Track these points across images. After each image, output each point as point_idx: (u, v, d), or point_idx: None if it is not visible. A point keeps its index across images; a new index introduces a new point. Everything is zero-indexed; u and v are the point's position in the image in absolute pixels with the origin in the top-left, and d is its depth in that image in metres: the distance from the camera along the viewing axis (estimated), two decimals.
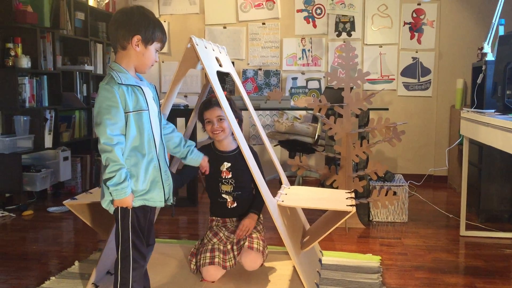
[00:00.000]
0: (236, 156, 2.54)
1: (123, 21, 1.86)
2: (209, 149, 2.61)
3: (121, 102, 1.79)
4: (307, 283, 2.24)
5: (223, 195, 2.57)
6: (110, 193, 1.80)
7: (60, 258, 2.92)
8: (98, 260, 2.38)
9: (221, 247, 2.47)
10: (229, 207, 2.57)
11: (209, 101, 2.51)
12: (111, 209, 1.88)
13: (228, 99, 2.49)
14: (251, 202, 2.59)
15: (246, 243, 2.44)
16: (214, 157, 2.57)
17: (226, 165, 2.56)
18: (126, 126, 1.82)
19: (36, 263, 2.84)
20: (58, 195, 4.51)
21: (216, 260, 2.42)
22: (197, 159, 2.25)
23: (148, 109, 1.88)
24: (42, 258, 2.92)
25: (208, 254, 2.44)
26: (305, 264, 2.37)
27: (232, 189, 2.56)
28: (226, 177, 2.56)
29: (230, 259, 2.45)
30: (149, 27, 1.87)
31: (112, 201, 1.84)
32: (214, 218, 2.63)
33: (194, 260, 2.52)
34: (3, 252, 3.02)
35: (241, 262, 2.47)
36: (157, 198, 1.92)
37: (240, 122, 2.52)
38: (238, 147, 2.48)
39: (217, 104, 2.44)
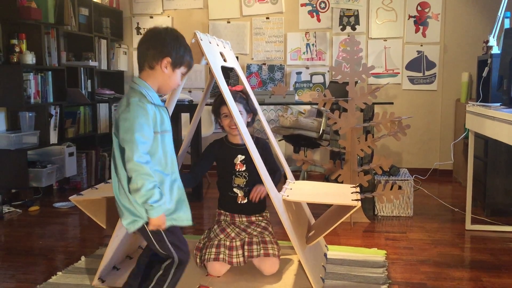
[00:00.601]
0: None
1: (155, 42, 1.85)
2: (221, 143, 2.63)
3: (152, 122, 1.78)
4: (312, 277, 2.24)
5: (235, 189, 2.57)
6: (147, 210, 1.76)
7: (67, 253, 2.94)
8: (104, 255, 2.39)
9: (227, 243, 2.47)
10: (239, 202, 2.57)
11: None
12: (131, 229, 1.84)
13: (245, 94, 2.51)
14: (263, 202, 2.58)
15: (262, 251, 2.42)
16: (227, 150, 2.58)
17: (240, 157, 2.56)
18: (152, 146, 1.80)
19: (42, 259, 2.85)
20: (64, 190, 4.54)
21: (221, 256, 2.42)
22: None
23: (172, 131, 1.88)
24: (48, 254, 2.93)
25: (213, 250, 2.44)
26: (310, 258, 2.37)
27: (244, 183, 2.56)
28: (240, 170, 2.56)
29: (237, 256, 2.43)
30: (179, 51, 1.86)
31: (146, 223, 1.80)
32: (222, 211, 2.63)
33: (199, 254, 2.52)
34: (10, 248, 3.04)
35: (259, 268, 2.46)
36: (184, 217, 1.91)
37: (254, 116, 2.60)
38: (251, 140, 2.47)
39: (237, 99, 2.45)
